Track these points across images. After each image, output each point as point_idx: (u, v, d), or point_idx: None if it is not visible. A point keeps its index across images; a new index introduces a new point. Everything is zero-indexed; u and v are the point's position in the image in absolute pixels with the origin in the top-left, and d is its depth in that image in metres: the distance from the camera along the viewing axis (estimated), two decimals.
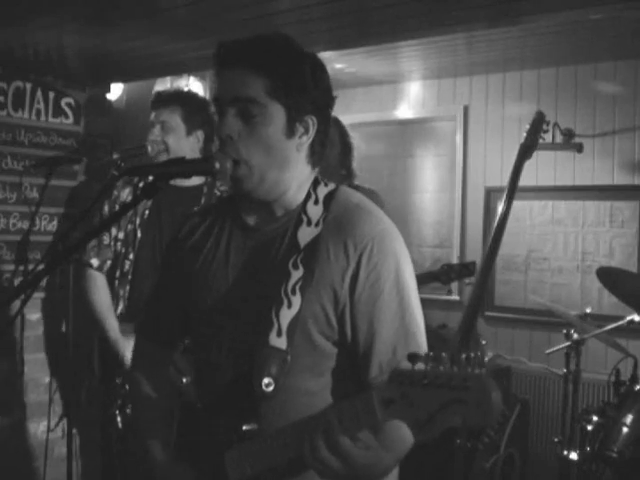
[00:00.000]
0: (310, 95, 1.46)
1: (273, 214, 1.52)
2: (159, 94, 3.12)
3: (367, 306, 1.43)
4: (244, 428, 1.41)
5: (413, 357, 1.14)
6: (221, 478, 1.43)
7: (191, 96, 3.14)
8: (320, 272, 1.43)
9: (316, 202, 1.49)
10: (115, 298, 3.00)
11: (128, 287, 2.98)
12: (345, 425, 1.23)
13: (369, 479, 1.36)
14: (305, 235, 1.46)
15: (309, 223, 1.46)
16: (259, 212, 1.53)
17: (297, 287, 1.41)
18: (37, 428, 3.74)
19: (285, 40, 1.47)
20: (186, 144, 2.96)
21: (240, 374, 1.44)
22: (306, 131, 1.47)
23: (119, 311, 2.98)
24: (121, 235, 2.99)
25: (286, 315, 1.41)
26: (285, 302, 1.41)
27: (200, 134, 2.99)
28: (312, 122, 1.47)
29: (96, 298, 3.00)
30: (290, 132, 1.45)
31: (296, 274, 1.42)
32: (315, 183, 1.53)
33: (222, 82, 1.46)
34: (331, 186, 1.54)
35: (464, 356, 1.09)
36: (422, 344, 1.46)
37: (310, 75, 1.46)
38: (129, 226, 2.97)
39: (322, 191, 1.51)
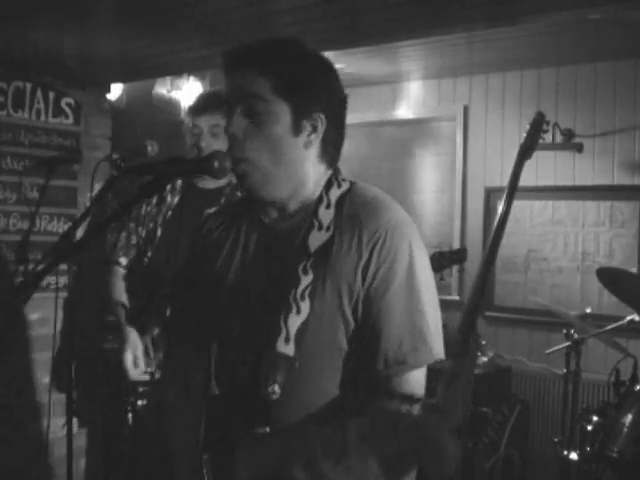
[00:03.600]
0: (317, 93, 1.48)
1: (288, 211, 1.53)
2: (205, 98, 2.94)
3: (376, 298, 1.43)
4: (254, 431, 1.42)
5: (390, 394, 1.21)
6: (229, 476, 1.44)
7: None
8: (333, 270, 1.44)
9: (328, 206, 1.50)
10: (132, 294, 3.04)
11: (143, 284, 3.01)
12: (328, 453, 1.28)
13: None
14: (315, 240, 1.46)
15: (320, 227, 1.47)
16: (273, 210, 1.54)
17: (306, 293, 1.42)
18: (37, 428, 3.74)
19: (292, 41, 1.49)
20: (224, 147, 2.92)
21: (251, 376, 1.45)
22: (314, 129, 1.48)
23: (134, 306, 3.02)
24: (144, 233, 3.02)
25: (295, 321, 1.42)
26: (294, 308, 1.42)
27: None
28: (321, 120, 1.48)
29: (117, 286, 3.04)
30: (296, 130, 1.47)
31: (305, 280, 1.43)
32: (328, 185, 1.53)
33: (230, 83, 1.48)
34: (345, 186, 1.53)
35: (436, 403, 1.15)
36: (430, 340, 1.45)
37: (317, 74, 1.48)
38: (150, 224, 3.00)
39: (334, 194, 1.51)
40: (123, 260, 3.05)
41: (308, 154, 1.50)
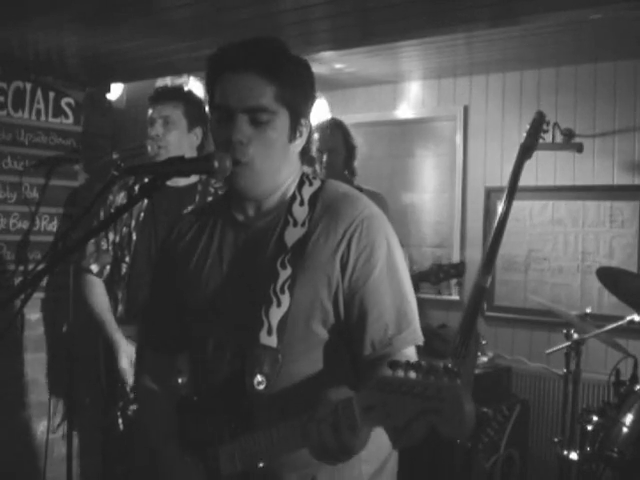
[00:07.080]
0: (308, 99, 1.53)
1: (264, 209, 1.56)
2: (160, 90, 3.09)
3: (358, 286, 1.46)
4: (237, 425, 1.44)
5: (393, 364, 1.15)
6: (214, 472, 1.46)
7: (191, 92, 3.14)
8: (310, 263, 1.47)
9: (301, 203, 1.54)
10: (114, 301, 2.99)
11: (126, 290, 2.97)
12: (328, 430, 1.24)
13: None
14: (292, 236, 1.50)
15: (295, 224, 1.51)
16: (251, 208, 1.57)
17: (286, 286, 1.46)
18: (37, 428, 3.74)
19: (283, 44, 1.52)
20: (186, 141, 2.96)
21: (233, 372, 1.48)
22: (301, 134, 1.54)
23: (118, 314, 2.98)
24: (117, 239, 2.98)
25: (276, 314, 1.45)
26: (274, 301, 1.46)
27: (199, 131, 3.00)
28: (306, 125, 1.54)
29: (94, 300, 3.00)
30: (292, 136, 1.52)
31: (284, 273, 1.47)
32: (300, 183, 1.57)
33: (232, 89, 1.48)
34: (317, 184, 1.58)
35: (441, 365, 1.11)
36: (413, 322, 1.49)
37: (308, 79, 1.53)
38: (124, 229, 2.96)
39: (307, 191, 1.56)
40: (94, 267, 3.00)
41: (294, 157, 1.56)
